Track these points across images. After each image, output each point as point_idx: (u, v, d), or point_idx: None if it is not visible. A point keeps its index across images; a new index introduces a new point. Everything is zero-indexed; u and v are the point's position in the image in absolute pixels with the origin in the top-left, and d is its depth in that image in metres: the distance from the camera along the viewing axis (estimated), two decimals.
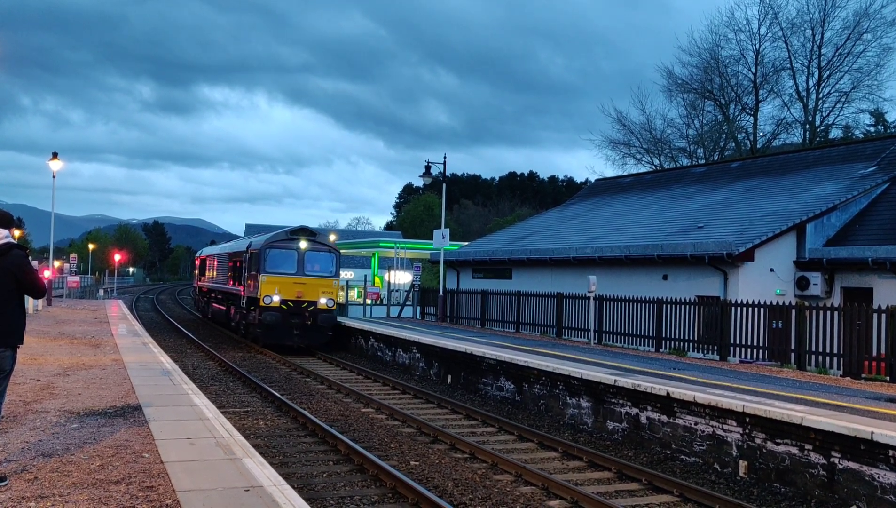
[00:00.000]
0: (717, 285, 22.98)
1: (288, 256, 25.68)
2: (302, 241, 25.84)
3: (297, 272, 25.65)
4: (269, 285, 25.13)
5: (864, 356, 16.48)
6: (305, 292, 25.51)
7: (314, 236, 26.56)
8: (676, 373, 15.21)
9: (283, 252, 25.66)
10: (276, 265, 25.45)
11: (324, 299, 25.80)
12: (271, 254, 25.52)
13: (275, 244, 25.70)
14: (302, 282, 25.55)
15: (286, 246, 25.77)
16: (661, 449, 12.71)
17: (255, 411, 15.00)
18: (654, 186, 38.19)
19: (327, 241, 27.13)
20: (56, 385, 12.03)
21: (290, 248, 25.76)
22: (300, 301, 25.43)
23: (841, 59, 46.93)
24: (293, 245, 25.79)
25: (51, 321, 26.48)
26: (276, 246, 25.67)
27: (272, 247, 25.60)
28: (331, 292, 26.11)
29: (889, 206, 24.18)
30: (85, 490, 6.46)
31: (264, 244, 25.63)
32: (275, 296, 25.10)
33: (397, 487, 9.72)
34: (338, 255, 26.84)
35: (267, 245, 25.56)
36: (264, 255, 25.40)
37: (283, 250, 25.68)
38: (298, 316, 25.39)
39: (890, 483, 9.23)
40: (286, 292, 25.28)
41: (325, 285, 26.03)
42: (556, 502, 9.69)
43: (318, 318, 25.58)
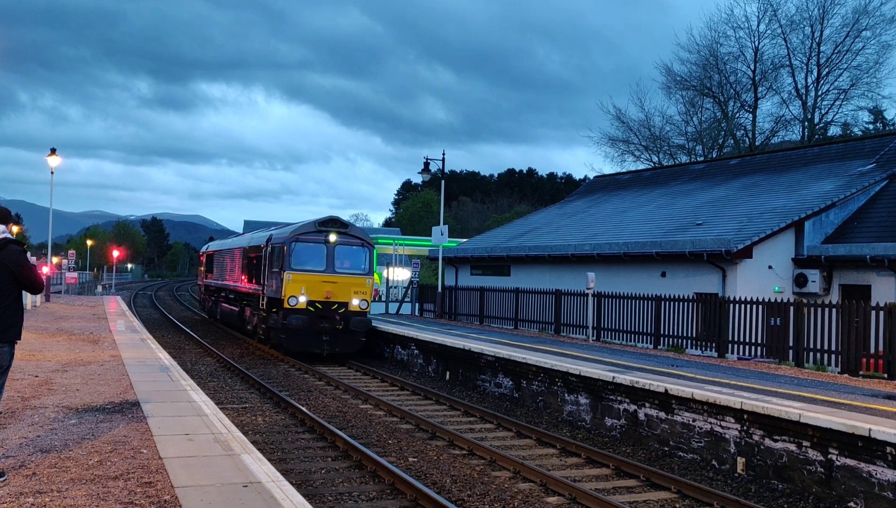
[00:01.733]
0: (715, 282, 23.00)
1: (316, 250, 22.64)
2: (332, 233, 22.67)
3: (327, 269, 22.55)
4: (294, 285, 22.06)
5: (861, 353, 16.50)
6: (336, 291, 22.45)
7: (346, 227, 23.31)
8: (675, 370, 15.22)
9: (311, 246, 22.57)
10: (302, 261, 22.42)
11: (356, 299, 22.66)
12: (297, 248, 22.41)
13: (301, 237, 22.49)
14: (332, 280, 22.47)
15: (314, 239, 22.60)
16: (660, 446, 12.72)
17: (253, 407, 15.01)
18: (653, 183, 38.19)
19: (360, 233, 23.70)
20: (54, 381, 12.03)
21: (317, 241, 22.61)
22: (329, 303, 22.41)
23: (840, 57, 46.98)
24: (321, 238, 22.66)
25: (49, 317, 26.47)
26: (302, 239, 22.48)
27: (298, 240, 22.43)
28: (364, 291, 22.92)
29: (887, 203, 24.19)
30: (83, 486, 6.46)
31: (289, 237, 22.49)
32: (301, 297, 22.06)
33: (395, 483, 9.73)
34: (371, 249, 23.59)
35: (292, 238, 22.42)
36: (289, 249, 22.33)
37: (311, 243, 22.56)
38: (328, 320, 22.30)
39: (888, 480, 9.24)
40: (314, 292, 22.26)
41: (358, 283, 22.83)
42: (554, 498, 9.70)
43: (349, 322, 22.39)
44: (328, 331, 22.30)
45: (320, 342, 22.30)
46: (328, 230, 22.77)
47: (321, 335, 22.25)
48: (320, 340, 22.29)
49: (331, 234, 22.70)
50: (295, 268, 22.22)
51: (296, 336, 22.13)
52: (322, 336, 22.28)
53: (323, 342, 22.30)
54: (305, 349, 22.26)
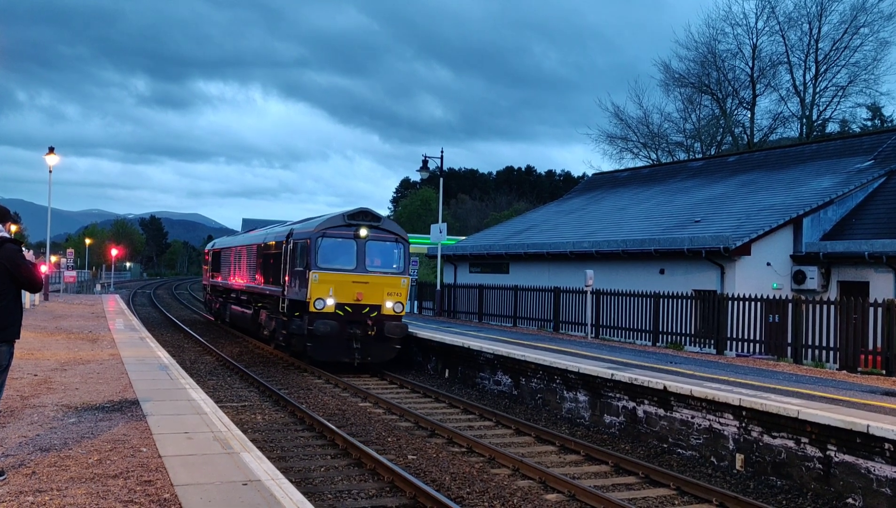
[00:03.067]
0: (713, 279, 23.02)
1: (345, 246, 20.23)
2: (362, 227, 20.22)
3: (357, 268, 20.14)
4: (321, 286, 19.63)
5: (860, 349, 16.54)
6: (367, 293, 20.06)
7: (377, 220, 20.85)
8: (673, 367, 15.24)
9: (339, 242, 20.16)
10: (329, 259, 20.01)
11: (390, 302, 20.29)
12: (324, 245, 19.95)
13: (328, 232, 20.06)
14: (363, 280, 20.07)
15: (342, 234, 20.18)
16: (658, 443, 12.74)
17: (252, 405, 15.02)
18: (651, 180, 38.20)
19: (394, 226, 21.30)
20: (54, 380, 12.04)
21: (346, 236, 20.20)
22: (360, 305, 20.01)
23: (838, 54, 46.97)
24: (351, 233, 20.22)
25: (48, 316, 26.47)
26: (330, 234, 20.05)
27: (325, 235, 19.98)
28: (399, 292, 20.54)
29: (885, 200, 24.22)
30: (83, 485, 6.47)
31: (315, 232, 20.00)
32: (328, 299, 19.63)
33: (395, 481, 9.74)
34: (406, 245, 21.15)
35: (318, 233, 19.97)
36: (315, 246, 19.84)
37: (339, 239, 20.15)
38: (358, 325, 19.88)
39: (886, 476, 9.26)
40: (343, 293, 19.86)
41: (392, 284, 20.46)
42: (553, 495, 9.72)
43: (383, 327, 19.96)
44: (359, 338, 19.86)
45: (350, 351, 19.79)
46: (358, 224, 20.28)
47: (351, 343, 19.79)
48: (350, 348, 19.78)
49: (361, 228, 20.22)
50: (322, 267, 19.80)
51: (323, 344, 19.74)
52: (352, 344, 19.80)
53: (353, 350, 19.79)
54: (333, 358, 19.85)
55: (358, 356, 19.82)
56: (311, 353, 19.91)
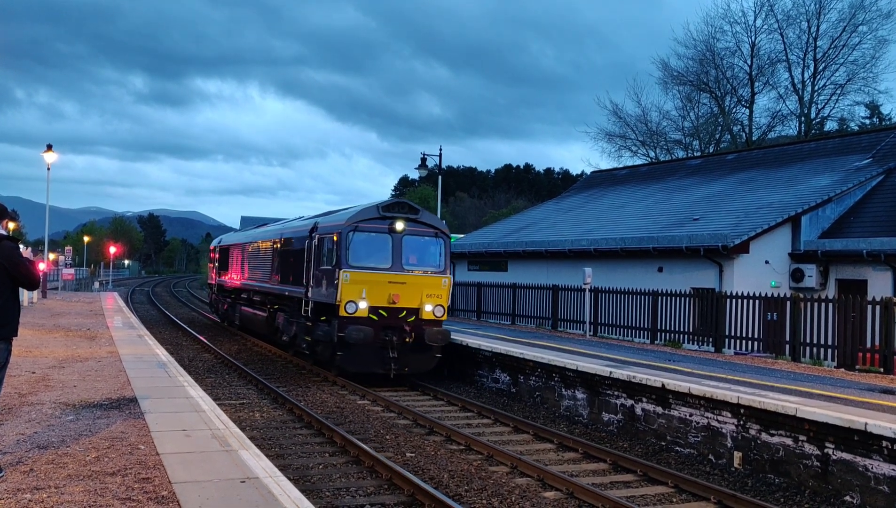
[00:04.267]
0: (712, 277, 23.03)
1: (379, 242, 17.89)
2: (398, 221, 17.91)
3: (393, 267, 17.79)
4: (352, 287, 17.25)
5: (858, 347, 16.55)
6: (404, 295, 17.67)
7: (416, 212, 18.41)
8: (671, 365, 15.25)
9: (373, 237, 17.84)
10: (362, 257, 17.65)
11: (430, 305, 17.83)
12: (356, 240, 17.61)
13: (361, 226, 17.74)
14: (399, 281, 17.71)
15: (376, 228, 17.88)
16: (657, 441, 12.75)
17: (251, 403, 15.01)
18: (650, 178, 38.21)
19: (434, 220, 18.86)
20: (51, 377, 12.03)
21: (381, 230, 17.89)
22: (396, 309, 17.67)
23: (836, 52, 46.96)
24: (385, 226, 17.92)
25: (46, 314, 26.45)
26: (362, 228, 17.74)
27: (357, 229, 17.66)
28: (439, 294, 18.06)
29: (884, 198, 24.23)
30: (81, 482, 6.47)
31: (345, 225, 17.67)
32: (360, 302, 17.25)
33: (393, 478, 9.75)
34: (447, 240, 18.78)
35: (350, 226, 17.62)
36: (345, 241, 17.50)
37: (373, 233, 17.84)
38: (394, 331, 17.57)
39: (883, 474, 9.27)
40: (377, 295, 17.47)
41: (432, 284, 18.01)
42: (551, 493, 9.73)
43: (423, 334, 17.63)
44: (395, 346, 17.55)
45: (385, 361, 17.45)
46: (394, 216, 17.97)
47: (386, 352, 17.50)
48: (385, 357, 17.47)
49: (397, 221, 17.90)
50: (354, 265, 17.42)
51: (356, 353, 17.43)
52: (387, 353, 17.49)
53: (389, 359, 17.45)
54: (367, 369, 17.60)
55: (394, 366, 17.45)
56: (341, 363, 17.64)
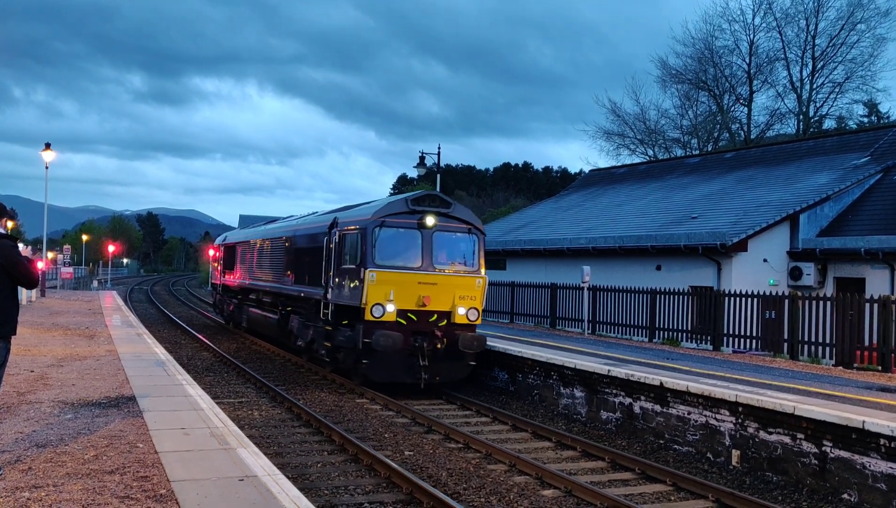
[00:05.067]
0: (710, 275, 23.05)
1: (407, 238, 16.41)
2: (428, 215, 16.35)
3: (423, 266, 16.24)
4: (379, 288, 15.71)
5: (856, 345, 16.58)
6: (435, 297, 16.17)
7: (448, 206, 16.88)
8: (670, 363, 15.27)
9: (401, 233, 16.36)
10: (389, 254, 16.13)
11: (463, 307, 16.35)
12: (383, 236, 16.12)
13: (388, 220, 16.23)
14: (430, 281, 16.19)
15: (405, 222, 16.39)
16: (655, 439, 12.77)
17: (249, 401, 15.02)
18: (649, 176, 38.23)
19: (467, 214, 17.26)
20: (50, 376, 12.03)
21: (409, 226, 16.39)
22: (427, 312, 16.16)
23: (835, 50, 47.01)
24: (414, 221, 16.40)
25: (45, 312, 26.44)
26: (390, 223, 16.24)
27: (385, 225, 16.17)
28: (473, 296, 16.59)
29: (882, 196, 24.26)
30: (79, 481, 6.47)
31: (371, 220, 16.14)
32: (388, 305, 15.72)
33: (391, 477, 9.75)
34: (482, 237, 17.26)
35: (376, 221, 16.12)
36: (371, 237, 15.99)
37: (401, 228, 16.35)
38: (424, 336, 16.05)
39: (881, 472, 9.29)
40: (405, 297, 15.95)
41: (465, 285, 16.53)
42: (549, 491, 9.73)
43: (456, 339, 16.11)
44: (426, 353, 16.02)
45: (415, 369, 15.93)
46: (424, 210, 16.44)
47: (416, 359, 15.96)
48: (415, 366, 15.94)
49: (427, 215, 16.35)
50: (380, 264, 15.88)
51: (383, 362, 15.87)
52: (418, 361, 15.95)
53: (419, 368, 15.92)
54: (395, 378, 16.11)
55: (425, 375, 15.94)
56: (367, 372, 16.09)
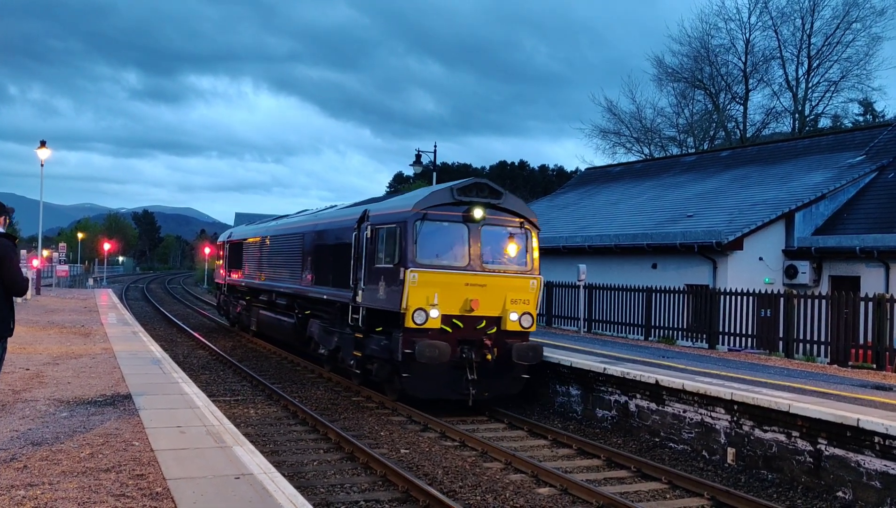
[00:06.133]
0: (706, 273, 23.09)
1: (453, 233, 14.32)
2: (476, 207, 14.20)
3: (470, 265, 14.15)
4: (422, 290, 13.68)
5: (850, 343, 16.62)
6: (484, 300, 14.09)
7: (498, 196, 14.60)
8: (665, 361, 15.29)
9: (445, 227, 14.27)
10: (432, 252, 14.08)
11: (515, 313, 14.21)
12: (425, 231, 14.04)
13: (431, 213, 14.09)
14: (479, 282, 14.12)
15: (449, 215, 14.25)
16: (650, 437, 12.79)
17: (245, 399, 15.02)
18: (644, 175, 38.26)
19: (519, 205, 15.06)
20: (45, 374, 12.02)
21: (454, 219, 14.26)
22: (474, 318, 14.09)
23: (830, 49, 47.08)
24: (460, 214, 14.25)
25: (40, 311, 26.40)
26: (433, 216, 14.11)
27: (427, 218, 14.04)
28: (527, 300, 14.42)
29: (876, 195, 24.31)
30: (75, 479, 6.47)
31: (412, 212, 14.01)
32: (432, 310, 13.69)
33: (387, 475, 9.76)
34: (536, 231, 15.00)
35: (417, 214, 14.00)
36: (412, 232, 13.87)
37: (445, 222, 14.25)
38: (472, 346, 14.06)
39: (875, 470, 9.32)
40: (451, 301, 13.92)
41: (518, 287, 14.40)
42: (545, 489, 9.75)
43: (509, 349, 14.05)
44: (474, 365, 13.99)
45: (462, 384, 13.90)
46: (471, 201, 14.26)
47: (464, 373, 13.93)
48: (462, 379, 13.92)
49: (475, 207, 14.21)
50: (423, 263, 13.83)
51: (427, 375, 13.81)
52: (464, 374, 13.93)
53: (466, 382, 13.88)
54: (439, 394, 14.09)
55: (473, 390, 13.87)
56: (407, 387, 13.99)
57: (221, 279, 31.28)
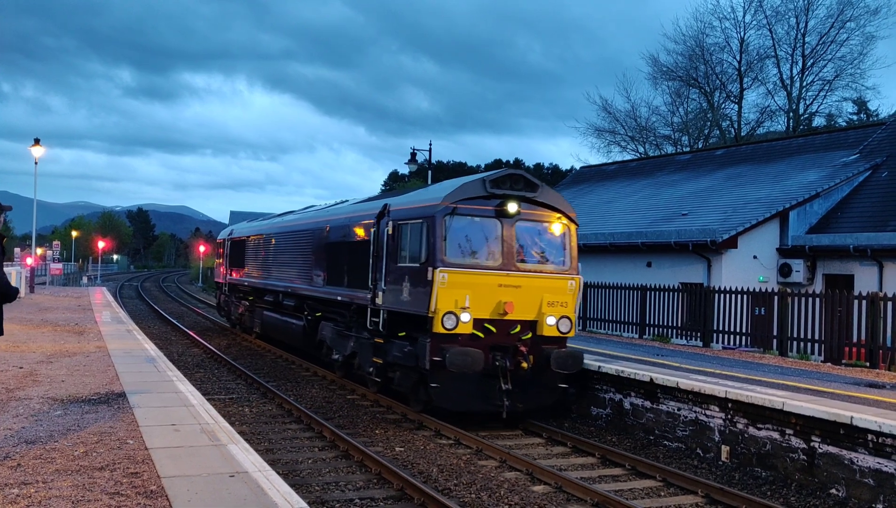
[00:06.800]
0: (700, 272, 23.13)
1: (485, 230, 13.11)
2: (511, 200, 13.05)
3: (504, 264, 12.98)
4: (452, 292, 12.51)
5: (844, 342, 16.67)
6: (519, 303, 12.95)
7: (534, 189, 13.45)
8: (660, 359, 15.32)
9: (476, 223, 13.07)
10: (462, 249, 12.91)
11: (552, 317, 13.10)
12: (455, 226, 12.87)
13: (461, 207, 12.89)
14: (513, 283, 12.97)
15: (481, 210, 13.05)
16: (645, 435, 12.81)
17: (240, 397, 15.00)
18: (639, 173, 38.30)
19: (556, 199, 13.82)
20: (39, 372, 11.98)
21: (486, 214, 13.07)
22: (508, 322, 12.96)
23: (824, 48, 47.18)
24: (492, 208, 13.09)
25: (34, 309, 26.33)
26: (463, 210, 12.90)
27: (457, 212, 12.84)
28: (565, 302, 13.29)
29: (870, 193, 24.38)
30: (69, 477, 6.46)
31: (441, 206, 12.80)
32: (463, 314, 12.53)
33: (383, 473, 9.77)
34: (574, 226, 13.87)
35: (446, 208, 12.80)
36: (441, 228, 12.70)
37: (476, 217, 13.04)
38: (506, 352, 12.90)
39: (868, 467, 9.36)
40: (482, 304, 12.76)
41: (555, 289, 13.26)
42: (540, 487, 9.77)
43: (548, 357, 12.97)
44: (508, 374, 12.76)
45: (496, 394, 12.67)
46: (505, 194, 13.11)
47: (495, 381, 12.71)
48: (496, 389, 12.70)
49: (509, 201, 13.05)
50: (453, 262, 12.66)
51: (457, 385, 12.61)
52: (498, 383, 12.69)
53: (500, 393, 12.64)
54: (471, 406, 12.94)
55: (508, 402, 12.63)
56: (436, 398, 12.73)
57: (222, 279, 30.06)
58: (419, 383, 13.27)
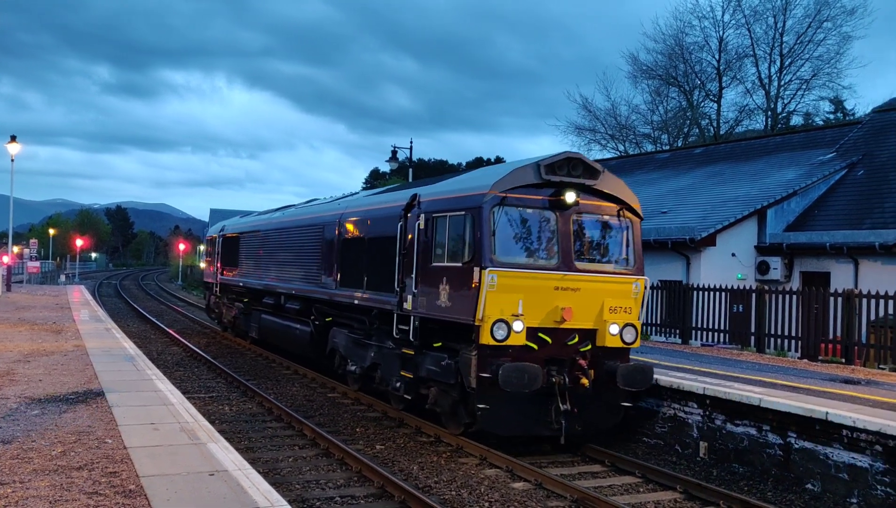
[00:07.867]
0: (679, 269, 23.30)
1: (538, 224, 11.36)
2: (568, 190, 11.27)
3: (561, 264, 11.25)
4: (502, 296, 10.72)
5: (820, 338, 16.87)
6: (577, 309, 11.25)
7: (594, 176, 11.62)
8: (639, 357, 15.39)
9: (529, 215, 11.25)
10: (512, 247, 11.12)
11: (615, 325, 11.48)
12: (504, 220, 11.04)
13: (511, 197, 11.05)
14: (571, 285, 11.25)
15: (533, 201, 11.27)
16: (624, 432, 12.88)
17: (220, 396, 14.95)
18: (619, 171, 38.34)
19: (619, 186, 12.03)
20: (16, 372, 11.88)
21: (540, 205, 11.30)
22: (565, 331, 11.26)
23: (802, 47, 47.60)
24: (546, 198, 11.33)
25: (10, 307, 26.06)
26: (513, 201, 11.08)
27: (506, 203, 11.00)
28: (628, 308, 11.75)
29: (846, 192, 24.66)
30: (46, 477, 6.42)
31: (489, 195, 10.90)
32: (515, 323, 10.72)
33: (363, 471, 9.78)
34: (636, 219, 12.21)
35: (494, 198, 10.93)
36: (488, 221, 10.85)
37: (529, 209, 11.23)
38: (562, 367, 11.18)
39: (843, 462, 9.48)
40: (537, 310, 11.03)
41: (618, 292, 11.71)
42: (520, 484, 9.82)
43: (610, 372, 11.37)
44: (566, 392, 11.03)
45: (551, 416, 10.99)
46: (562, 182, 11.30)
47: (552, 401, 10.97)
48: (552, 410, 10.98)
49: (566, 190, 11.27)
50: (503, 261, 10.87)
51: (508, 407, 10.88)
52: (556, 403, 10.94)
53: (557, 414, 10.94)
54: (526, 430, 11.23)
55: (566, 421, 10.95)
56: (483, 421, 10.93)
57: (212, 279, 27.32)
58: (460, 402, 11.46)
